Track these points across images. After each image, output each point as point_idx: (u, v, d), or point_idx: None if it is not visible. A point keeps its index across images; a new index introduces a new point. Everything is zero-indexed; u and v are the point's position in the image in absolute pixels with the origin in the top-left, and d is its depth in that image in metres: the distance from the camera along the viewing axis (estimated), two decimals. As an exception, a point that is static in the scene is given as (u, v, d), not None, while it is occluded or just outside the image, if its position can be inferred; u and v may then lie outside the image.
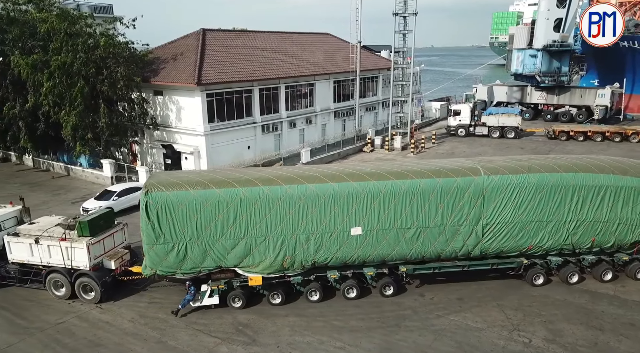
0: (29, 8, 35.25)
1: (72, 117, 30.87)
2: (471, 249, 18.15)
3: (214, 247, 17.06)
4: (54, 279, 18.31)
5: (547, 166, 18.57)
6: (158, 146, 35.17)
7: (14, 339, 15.76)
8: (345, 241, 17.53)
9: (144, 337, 15.89)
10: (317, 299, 18.02)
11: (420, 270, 18.57)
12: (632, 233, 18.63)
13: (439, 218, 17.70)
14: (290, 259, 17.40)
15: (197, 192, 16.86)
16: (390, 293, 18.31)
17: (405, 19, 41.73)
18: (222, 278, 17.75)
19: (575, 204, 18.10)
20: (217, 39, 37.71)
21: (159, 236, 16.80)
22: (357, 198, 17.36)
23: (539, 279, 18.89)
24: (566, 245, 18.51)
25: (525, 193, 17.87)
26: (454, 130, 48.53)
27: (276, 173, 18.46)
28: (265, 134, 37.24)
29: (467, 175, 17.89)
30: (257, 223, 17.10)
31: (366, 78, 48.54)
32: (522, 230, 18.06)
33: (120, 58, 32.40)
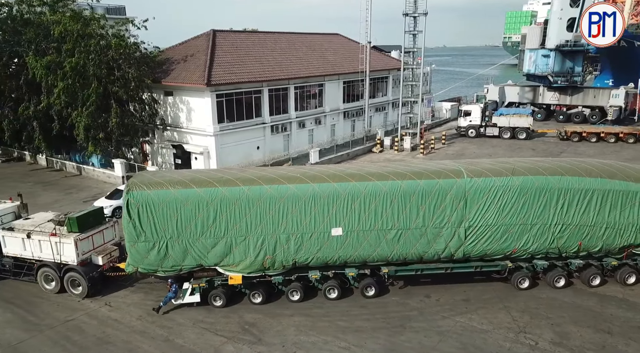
0: (44, 10, 35.89)
1: (84, 118, 31.34)
2: (454, 251, 18.00)
3: (194, 246, 17.26)
4: (45, 273, 18.88)
5: (532, 168, 18.28)
6: (168, 146, 35.54)
7: (24, 335, 16.07)
8: (326, 241, 17.58)
9: (152, 335, 16.10)
10: (297, 299, 18.10)
11: (403, 271, 18.46)
12: (620, 238, 18.25)
13: (420, 219, 17.62)
14: (270, 259, 17.51)
15: (178, 191, 17.08)
16: (372, 294, 18.30)
17: (415, 19, 41.58)
18: (204, 276, 17.94)
19: (561, 207, 17.83)
20: (227, 39, 37.98)
21: (140, 235, 17.04)
22: (337, 199, 17.41)
23: (524, 282, 18.64)
24: (552, 249, 18.25)
25: (508, 196, 17.66)
26: (464, 131, 48.24)
27: (259, 173, 18.56)
28: (274, 134, 37.41)
29: (450, 177, 17.77)
30: (237, 223, 17.24)
31: (376, 78, 48.49)
32: (506, 232, 17.87)
33: (131, 59, 32.81)
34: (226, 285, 17.89)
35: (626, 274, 18.80)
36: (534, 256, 18.60)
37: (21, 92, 34.28)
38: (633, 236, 18.28)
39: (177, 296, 17.67)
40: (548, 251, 18.36)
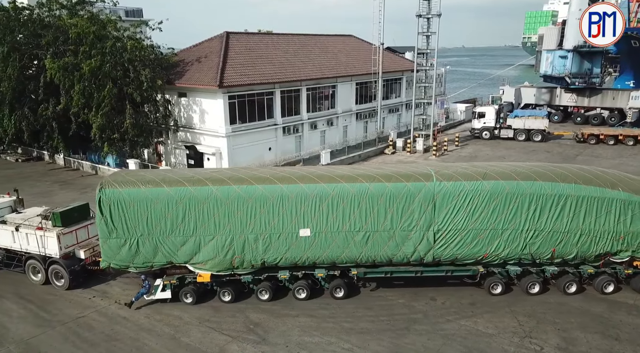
0: (62, 14, 36.76)
1: (99, 118, 32.02)
2: (423, 255, 17.87)
3: (164, 243, 17.59)
4: (32, 265, 19.80)
5: (505, 173, 18.00)
6: (181, 147, 36.04)
7: (37, 331, 16.52)
8: (294, 242, 17.69)
9: (158, 333, 16.40)
10: (267, 298, 18.28)
11: (372, 273, 18.48)
12: (595, 246, 17.84)
13: (388, 222, 17.57)
14: (239, 258, 17.73)
15: (148, 190, 17.41)
16: (341, 295, 18.41)
17: (429, 21, 41.42)
18: (177, 273, 18.31)
19: (533, 213, 17.49)
20: (240, 41, 38.36)
21: (112, 231, 17.47)
22: (305, 200, 17.48)
23: (497, 288, 18.45)
24: (524, 255, 17.94)
25: (478, 200, 17.43)
26: (478, 133, 47.80)
27: (230, 173, 18.68)
28: (286, 135, 37.64)
29: (419, 181, 17.67)
30: (205, 222, 17.46)
31: (389, 80, 48.40)
32: (476, 237, 17.65)
33: (146, 61, 33.39)
34: (197, 283, 18.21)
35: (604, 282, 18.32)
36: (507, 262, 18.31)
37: (40, 93, 35.16)
38: (609, 244, 17.82)
39: (149, 292, 18.13)
40: (521, 257, 18.05)
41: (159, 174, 19.13)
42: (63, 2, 37.43)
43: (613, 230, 17.65)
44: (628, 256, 18.09)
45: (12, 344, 15.78)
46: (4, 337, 16.21)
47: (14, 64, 33.84)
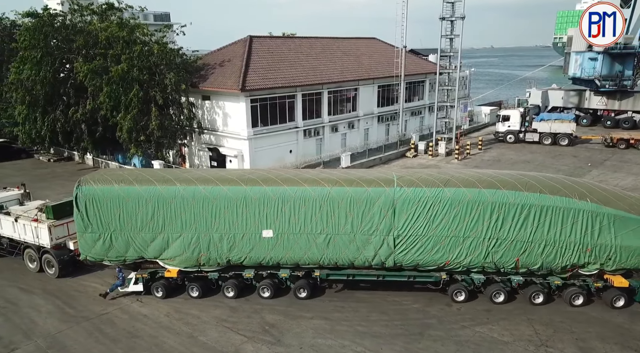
0: (93, 19, 38.09)
1: (127, 121, 33.04)
2: (384, 259, 17.99)
3: (135, 239, 18.49)
4: (29, 254, 21.49)
5: (467, 180, 17.80)
6: (205, 149, 36.80)
7: (63, 326, 17.26)
8: (257, 242, 18.22)
9: (177, 331, 16.90)
10: (232, 296, 18.92)
11: (334, 275, 18.85)
12: (561, 257, 17.40)
13: (348, 226, 17.81)
14: (205, 256, 18.44)
15: (121, 188, 18.33)
16: (304, 296, 18.83)
17: (452, 23, 41.09)
18: (150, 268, 19.26)
19: (495, 221, 17.24)
20: (263, 45, 38.90)
21: (87, 226, 18.50)
22: (268, 202, 17.96)
23: (460, 295, 18.33)
24: (487, 263, 17.71)
25: (439, 207, 17.37)
26: (502, 136, 47.07)
27: (199, 174, 19.38)
28: (307, 138, 37.95)
29: (380, 186, 17.78)
30: (173, 220, 18.23)
31: (412, 82, 48.18)
32: (437, 244, 17.59)
33: (171, 64, 34.26)
34: (167, 278, 19.09)
35: (572, 294, 17.90)
36: (470, 270, 18.13)
37: (71, 96, 36.49)
38: (576, 256, 17.35)
39: (123, 285, 19.20)
40: (484, 266, 17.83)
41: (133, 173, 19.99)
42: (94, 8, 38.80)
43: (579, 242, 17.19)
44: (596, 269, 17.59)
45: (40, 338, 16.54)
46: (32, 331, 17.00)
47: (47, 68, 35.22)
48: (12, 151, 43.84)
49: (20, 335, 16.75)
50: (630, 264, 17.31)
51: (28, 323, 17.50)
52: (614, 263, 17.29)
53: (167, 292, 19.02)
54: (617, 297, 17.64)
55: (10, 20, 46.82)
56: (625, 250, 17.07)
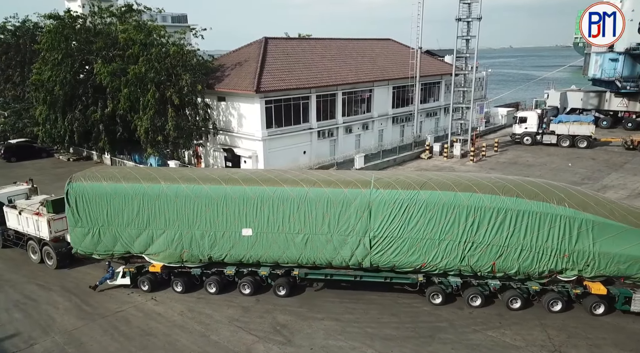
0: (113, 20, 38.81)
1: (144, 122, 33.58)
2: (361, 260, 18.12)
3: (122, 235, 19.25)
4: (31, 245, 22.67)
5: (444, 183, 17.76)
6: (220, 150, 37.18)
7: (79, 323, 17.66)
8: (237, 241, 18.65)
9: (190, 330, 17.14)
10: (214, 291, 19.43)
11: (313, 275, 19.08)
12: (538, 262, 17.12)
13: (325, 226, 18.04)
14: (187, 252, 19.04)
15: (109, 185, 19.12)
16: (283, 293, 19.15)
17: (469, 24, 40.76)
18: (138, 262, 19.99)
19: (471, 225, 17.14)
20: (278, 46, 39.14)
21: (77, 221, 19.39)
22: (247, 201, 18.37)
23: (437, 298, 18.32)
24: (464, 267, 17.63)
25: (414, 210, 17.41)
26: (519, 138, 46.49)
27: (183, 173, 20.16)
28: (320, 139, 38.07)
29: (356, 187, 17.98)
30: (157, 217, 18.89)
31: (428, 83, 47.94)
32: (413, 246, 17.64)
33: (188, 66, 34.70)
34: (153, 272, 19.79)
35: (551, 300, 17.59)
36: (447, 273, 18.06)
37: (90, 97, 37.22)
38: (553, 262, 17.05)
39: (112, 278, 19.97)
40: (460, 269, 17.75)
41: (122, 171, 20.64)
42: (113, 10, 39.53)
43: (556, 248, 16.89)
44: (574, 276, 17.30)
45: (57, 334, 16.96)
46: (50, 327, 17.43)
47: (67, 69, 35.99)
48: (34, 151, 44.90)
49: (38, 330, 17.19)
50: (609, 271, 16.88)
51: (46, 319, 17.95)
52: (592, 270, 16.93)
53: (153, 286, 19.78)
54: (596, 304, 17.33)
55: (33, 23, 48.01)
56: (604, 257, 16.68)
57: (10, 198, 23.76)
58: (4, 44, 46.98)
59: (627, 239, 16.46)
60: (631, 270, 16.65)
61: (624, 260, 16.54)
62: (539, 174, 36.28)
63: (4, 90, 48.96)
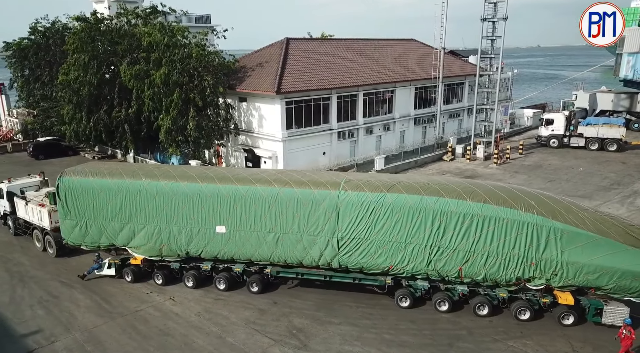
0: (138, 22, 39.41)
1: (167, 122, 33.98)
2: (329, 260, 18.32)
3: (107, 228, 20.18)
4: (36, 234, 24.16)
5: (412, 186, 17.74)
6: (240, 150, 37.36)
7: (99, 321, 17.94)
8: (212, 237, 19.24)
9: (206, 331, 17.21)
10: (191, 286, 20.09)
11: (284, 273, 19.37)
12: (505, 269, 16.77)
13: (295, 226, 18.31)
14: (166, 247, 19.74)
15: (95, 180, 20.12)
16: (256, 290, 19.63)
17: (494, 24, 39.93)
18: (124, 255, 20.95)
19: (437, 229, 17.04)
20: (299, 47, 39.08)
21: (67, 213, 20.43)
22: (221, 199, 18.87)
23: (405, 301, 18.29)
24: (430, 271, 17.54)
25: (381, 212, 17.45)
26: (545, 140, 45.30)
27: (164, 170, 20.78)
28: (340, 140, 37.84)
29: (326, 188, 18.19)
30: (138, 212, 19.67)
31: (451, 84, 47.20)
32: (380, 248, 17.68)
33: (210, 67, 34.95)
34: (135, 264, 20.72)
35: (519, 309, 17.26)
36: (415, 276, 18.00)
37: (115, 98, 37.90)
38: (520, 270, 16.68)
39: (100, 269, 20.97)
40: (427, 273, 17.63)
41: (110, 167, 21.46)
42: (139, 11, 40.15)
43: (523, 255, 16.53)
44: (542, 284, 16.85)
45: (78, 331, 17.25)
46: (71, 324, 17.76)
47: (93, 70, 36.70)
48: (61, 149, 45.97)
49: (60, 327, 17.53)
50: (578, 281, 16.37)
51: (67, 316, 18.29)
52: (560, 279, 16.48)
53: (136, 277, 20.70)
54: (565, 314, 16.92)
55: (62, 24, 49.23)
56: (573, 267, 16.20)
57: (22, 189, 25.30)
58: (35, 44, 48.36)
59: (597, 249, 15.94)
60: (601, 281, 16.12)
61: (593, 271, 16.04)
62: (566, 178, 35.31)
63: (33, 89, 50.45)
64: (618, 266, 15.74)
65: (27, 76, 50.11)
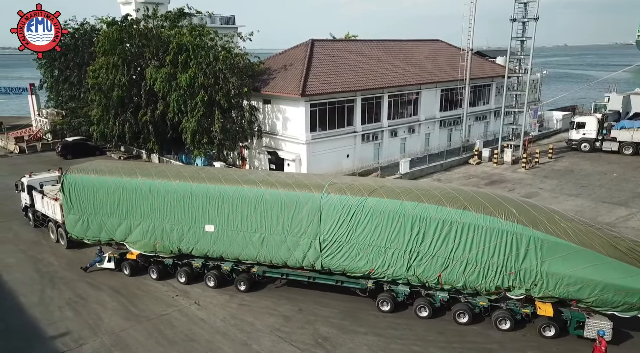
0: (165, 24, 39.75)
1: (192, 124, 34.15)
2: (313, 262, 18.58)
3: (106, 223, 21.10)
4: (51, 226, 25.48)
5: (393, 191, 17.84)
6: (264, 152, 37.31)
7: (126, 324, 18.01)
8: (202, 236, 19.88)
9: (232, 338, 17.10)
10: (183, 281, 20.79)
11: (270, 273, 19.79)
12: (484, 278, 16.56)
13: (280, 227, 18.67)
14: (160, 243, 20.49)
15: (95, 178, 21.16)
16: (243, 288, 20.06)
17: (524, 25, 38.92)
18: (124, 249, 21.83)
19: (416, 235, 17.04)
20: (324, 49, 38.79)
21: (71, 208, 21.54)
22: (210, 199, 19.47)
23: (385, 306, 18.25)
24: (410, 276, 17.54)
25: (361, 216, 17.60)
26: (576, 144, 43.96)
27: (160, 169, 21.78)
28: (365, 143, 37.41)
29: (310, 191, 18.46)
30: (134, 209, 20.53)
31: (477, 86, 46.23)
32: (361, 252, 17.81)
33: (235, 69, 34.96)
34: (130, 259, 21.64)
35: (499, 318, 17.02)
36: (396, 281, 18.01)
37: (141, 99, 38.30)
38: (499, 279, 16.44)
39: (101, 262, 22.08)
40: (407, 278, 17.63)
41: (111, 166, 22.50)
42: (167, 14, 40.47)
43: (502, 264, 16.29)
44: (522, 294, 16.54)
45: (105, 335, 17.35)
46: (98, 327, 17.88)
47: (122, 73, 37.13)
48: (88, 148, 46.75)
49: (87, 330, 17.66)
50: (558, 293, 15.98)
51: (95, 319, 18.43)
52: (540, 290, 16.12)
53: (133, 271, 21.61)
54: (546, 326, 16.53)
55: (91, 25, 50.07)
56: (553, 277, 15.84)
57: (41, 184, 26.65)
58: (64, 46, 49.29)
59: (579, 260, 15.55)
60: (582, 294, 15.71)
61: (574, 282, 15.65)
62: (599, 184, 34.15)
63: (61, 90, 51.47)
64: (600, 279, 15.34)
65: (56, 77, 51.16)
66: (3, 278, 21.90)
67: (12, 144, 49.49)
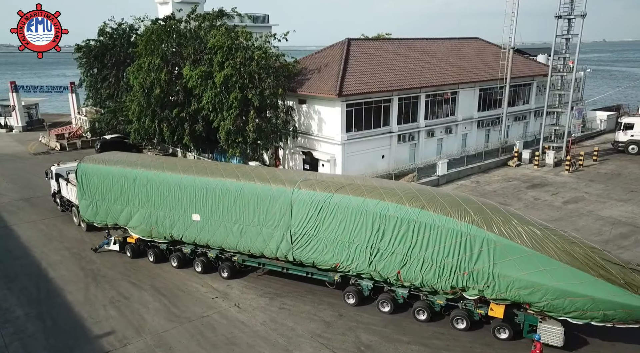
0: (204, 24, 40.01)
1: (226, 123, 34.28)
2: (285, 253, 19.61)
3: (111, 209, 23.39)
4: (74, 212, 27.87)
5: (358, 188, 18.50)
6: (299, 152, 37.15)
7: (168, 325, 18.14)
8: (190, 224, 21.46)
9: (272, 342, 16.97)
10: (176, 266, 22.55)
11: (249, 262, 21.09)
12: (440, 277, 16.79)
13: (256, 219, 19.85)
14: (155, 229, 22.33)
15: (103, 168, 23.56)
16: (226, 276, 21.41)
17: (570, 22, 37.39)
18: (128, 233, 23.64)
19: (377, 231, 17.62)
20: (361, 48, 38.28)
21: (82, 194, 24.23)
22: (196, 190, 21.02)
23: (351, 299, 19.07)
24: (372, 272, 18.08)
25: (328, 211, 18.42)
26: (622, 146, 42.07)
27: (157, 161, 23.68)
28: (400, 143, 36.76)
29: (283, 185, 19.53)
30: (134, 197, 22.54)
31: (517, 85, 44.80)
32: (327, 246, 18.62)
33: (270, 69, 34.87)
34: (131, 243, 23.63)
35: (456, 317, 17.26)
36: (360, 276, 18.60)
37: (179, 98, 38.71)
38: (454, 278, 16.61)
39: (109, 244, 24.27)
40: (369, 273, 18.15)
41: (119, 157, 24.67)
42: (206, 14, 40.74)
43: (456, 264, 16.49)
44: (476, 295, 16.58)
45: (149, 335, 17.51)
46: (142, 327, 18.06)
47: (162, 73, 37.59)
48: (126, 146, 47.63)
49: (131, 330, 17.87)
50: (510, 296, 15.93)
51: (138, 319, 18.64)
52: (493, 292, 16.18)
53: (134, 254, 23.65)
54: (500, 328, 16.63)
55: (128, 25, 51.00)
56: (504, 280, 15.88)
57: (68, 172, 28.68)
58: (102, 45, 50.40)
59: (530, 264, 15.49)
60: (533, 298, 15.59)
61: (525, 286, 15.61)
62: (649, 189, 32.52)
63: (100, 88, 52.70)
64: (550, 284, 15.16)
65: (95, 76, 52.38)
66: (50, 274, 22.47)
67: (53, 142, 51.01)
